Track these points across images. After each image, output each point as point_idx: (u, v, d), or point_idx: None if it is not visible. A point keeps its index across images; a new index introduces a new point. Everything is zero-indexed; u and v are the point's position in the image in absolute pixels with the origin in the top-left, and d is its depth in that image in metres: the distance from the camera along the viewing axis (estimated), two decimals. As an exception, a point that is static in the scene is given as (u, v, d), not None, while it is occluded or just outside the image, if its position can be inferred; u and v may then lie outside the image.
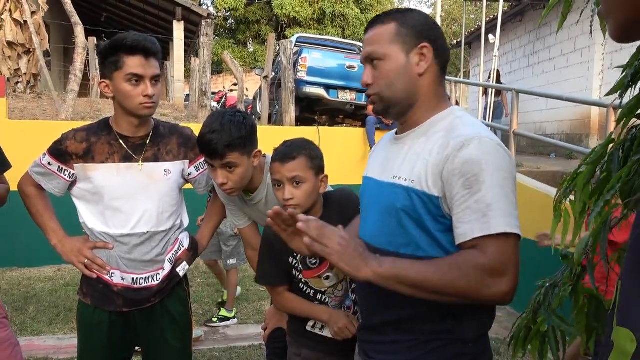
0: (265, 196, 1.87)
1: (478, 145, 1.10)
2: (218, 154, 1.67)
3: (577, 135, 8.96)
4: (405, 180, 1.18)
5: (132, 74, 1.68)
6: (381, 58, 1.21)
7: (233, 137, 1.67)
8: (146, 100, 1.71)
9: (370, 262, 1.07)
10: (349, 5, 20.12)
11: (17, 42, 7.72)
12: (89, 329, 1.83)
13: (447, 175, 1.11)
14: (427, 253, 1.15)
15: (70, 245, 1.80)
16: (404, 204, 1.17)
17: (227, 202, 1.98)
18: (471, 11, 21.51)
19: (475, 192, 1.07)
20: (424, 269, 1.07)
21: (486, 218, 1.06)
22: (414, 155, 1.20)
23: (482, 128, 1.18)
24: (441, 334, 1.18)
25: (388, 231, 1.20)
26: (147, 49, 1.69)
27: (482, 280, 1.05)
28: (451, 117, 1.22)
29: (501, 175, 1.08)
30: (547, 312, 1.11)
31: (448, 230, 1.14)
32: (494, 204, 1.06)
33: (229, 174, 1.72)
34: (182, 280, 1.92)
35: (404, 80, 1.21)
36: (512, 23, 11.37)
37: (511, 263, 1.06)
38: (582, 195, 0.96)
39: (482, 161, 1.08)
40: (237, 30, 22.61)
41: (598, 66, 8.62)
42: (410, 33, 1.20)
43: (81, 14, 7.63)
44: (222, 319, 4.13)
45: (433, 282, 1.06)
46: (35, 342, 3.62)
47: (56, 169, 1.78)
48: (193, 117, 7.68)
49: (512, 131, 5.79)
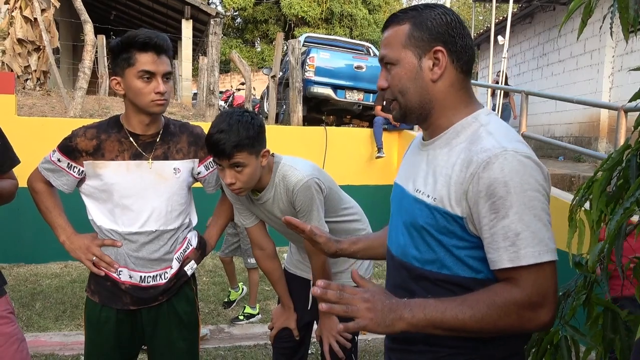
0: (273, 196, 1.87)
1: (503, 162, 1.01)
2: (226, 153, 1.67)
3: (586, 138, 8.89)
4: (427, 196, 1.12)
5: (144, 70, 1.67)
6: (393, 63, 1.16)
7: (241, 137, 1.67)
8: (158, 97, 1.70)
9: (402, 313, 1.02)
10: (357, 6, 20.09)
11: (27, 39, 7.75)
12: (96, 327, 1.83)
13: (473, 197, 1.04)
14: (452, 271, 1.11)
15: (79, 242, 1.80)
16: (427, 222, 1.12)
17: (235, 201, 1.98)
18: (480, 12, 21.43)
19: (502, 218, 1.00)
20: (459, 312, 1.01)
21: (514, 247, 1.00)
22: (437, 168, 1.13)
23: (510, 138, 1.08)
24: (467, 350, 1.12)
25: (414, 245, 1.16)
26: (159, 46, 1.69)
27: (523, 315, 1.01)
28: (475, 124, 1.13)
29: (530, 196, 1.01)
30: (560, 323, 1.09)
31: (473, 248, 1.09)
32: (522, 232, 0.99)
33: (237, 174, 1.71)
34: (189, 280, 1.91)
35: (416, 86, 1.14)
36: (522, 25, 11.31)
37: (549, 292, 1.01)
38: (599, 203, 0.93)
39: (509, 181, 1.00)
40: (245, 30, 22.64)
41: (608, 69, 8.56)
42: (424, 36, 1.13)
43: (90, 11, 7.67)
44: (247, 316, 4.20)
45: (472, 326, 1.01)
46: (42, 338, 3.62)
47: (65, 166, 1.78)
48: (200, 116, 7.69)
49: (521, 133, 5.75)
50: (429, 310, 1.02)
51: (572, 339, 1.08)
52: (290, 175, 1.84)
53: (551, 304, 1.01)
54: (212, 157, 1.75)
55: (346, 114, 8.91)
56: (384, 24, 1.21)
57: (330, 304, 1.01)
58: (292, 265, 2.17)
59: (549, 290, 1.01)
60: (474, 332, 1.03)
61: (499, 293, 1.01)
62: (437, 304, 1.03)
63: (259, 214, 1.98)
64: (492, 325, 1.01)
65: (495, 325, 1.01)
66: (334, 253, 1.45)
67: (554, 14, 10.20)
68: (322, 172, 1.97)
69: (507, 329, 1.02)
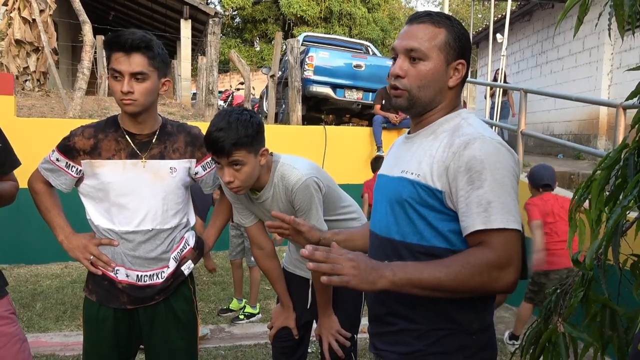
0: (272, 195, 1.87)
1: (481, 144, 1.17)
2: (225, 152, 1.67)
3: (585, 135, 8.90)
4: (411, 174, 1.25)
5: (112, 69, 1.69)
6: (423, 58, 1.25)
7: (240, 136, 1.67)
8: (124, 97, 1.68)
9: (384, 272, 1.12)
10: (356, 4, 20.06)
11: (26, 40, 7.75)
12: (94, 325, 1.84)
13: (453, 172, 1.18)
14: (430, 243, 1.22)
15: (77, 242, 1.81)
16: (410, 195, 1.24)
17: (234, 200, 1.98)
18: (479, 10, 21.42)
19: (477, 188, 1.14)
20: (436, 271, 1.12)
21: (486, 213, 1.13)
22: (422, 152, 1.27)
23: (485, 128, 1.25)
24: (446, 323, 1.23)
25: (396, 221, 1.27)
26: (128, 44, 1.66)
27: (492, 274, 1.12)
28: (458, 118, 1.29)
29: (502, 174, 1.15)
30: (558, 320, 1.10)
31: (450, 220, 1.21)
32: (494, 202, 1.13)
33: (235, 172, 1.72)
34: (187, 279, 1.92)
35: (436, 87, 1.27)
36: (520, 22, 11.30)
37: (514, 256, 1.14)
38: (597, 202, 0.94)
39: (485, 159, 1.15)
40: (244, 29, 22.61)
41: (607, 66, 8.56)
42: (456, 47, 1.26)
43: (89, 12, 7.65)
44: (248, 315, 4.20)
45: (447, 283, 1.12)
46: (42, 339, 3.63)
47: (64, 165, 1.79)
48: (200, 116, 7.69)
49: (520, 131, 5.75)
50: (408, 269, 1.13)
51: (570, 336, 1.09)
52: (289, 174, 1.85)
53: (516, 266, 1.14)
54: (211, 155, 1.74)
55: (345, 113, 8.91)
56: (414, 17, 1.30)
57: (318, 263, 1.10)
58: (291, 265, 2.17)
59: (514, 254, 1.14)
60: (449, 291, 1.14)
61: (472, 254, 1.14)
62: (416, 265, 1.15)
63: (258, 213, 1.99)
64: (465, 283, 1.12)
65: (468, 283, 1.12)
66: (317, 242, 1.52)
67: (553, 12, 10.19)
68: (320, 170, 1.97)
69: (478, 287, 1.14)
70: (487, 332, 1.28)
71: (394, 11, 23.83)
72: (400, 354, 1.28)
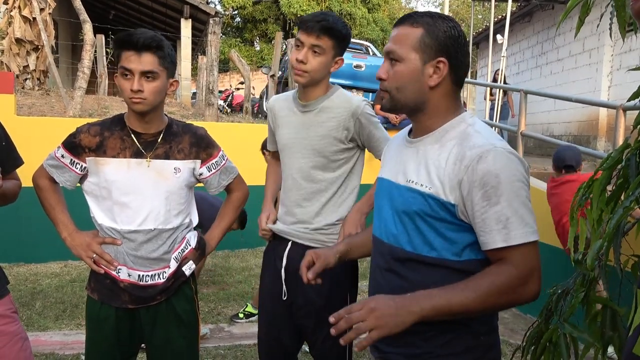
0: (323, 106, 1.96)
1: (494, 157, 1.15)
2: (315, 30, 1.87)
3: (585, 136, 8.90)
4: (422, 185, 1.23)
5: (123, 67, 1.69)
6: (399, 60, 1.25)
7: (337, 27, 1.90)
8: (134, 95, 1.70)
9: (411, 308, 1.11)
10: (356, 5, 20.08)
11: (26, 38, 7.74)
12: (96, 324, 1.84)
13: (467, 186, 1.17)
14: (440, 254, 1.22)
15: (80, 240, 1.82)
16: (421, 208, 1.22)
17: (277, 109, 2.08)
18: (479, 11, 21.43)
19: (494, 204, 1.14)
20: (464, 297, 1.12)
21: (506, 230, 1.13)
22: (430, 161, 1.25)
23: (494, 136, 1.24)
24: (453, 325, 1.23)
25: (406, 231, 1.26)
26: (140, 43, 1.68)
27: (517, 290, 1.14)
28: (463, 124, 1.27)
29: (517, 185, 1.15)
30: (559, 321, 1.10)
31: (461, 231, 1.20)
32: (513, 216, 1.13)
33: (311, 57, 1.90)
34: (188, 279, 1.92)
35: (414, 87, 1.25)
36: (521, 23, 11.31)
37: (535, 266, 1.15)
38: (599, 202, 0.94)
39: (500, 173, 1.14)
40: (244, 29, 22.61)
41: (607, 67, 8.57)
42: (433, 44, 1.23)
43: (89, 11, 7.65)
44: (247, 315, 4.17)
45: (475, 308, 1.13)
46: (42, 338, 3.63)
47: (68, 162, 1.80)
48: (200, 115, 7.68)
49: (520, 132, 5.76)
50: (435, 299, 1.12)
51: (571, 336, 1.09)
52: (352, 96, 1.98)
53: (538, 277, 1.16)
54: (299, 32, 1.90)
55: (345, 113, 8.88)
56: (398, 20, 1.31)
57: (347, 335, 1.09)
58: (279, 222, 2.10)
59: (535, 265, 1.15)
60: (476, 312, 1.15)
61: (497, 274, 1.14)
62: (442, 293, 1.13)
63: (286, 134, 2.03)
64: (493, 303, 1.13)
65: (496, 303, 1.14)
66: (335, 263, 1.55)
67: (553, 13, 10.20)
68: None
69: (506, 305, 1.16)
70: (493, 333, 1.29)
71: (394, 11, 23.83)
72: (407, 356, 1.28)
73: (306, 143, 1.96)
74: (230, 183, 1.99)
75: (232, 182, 2.00)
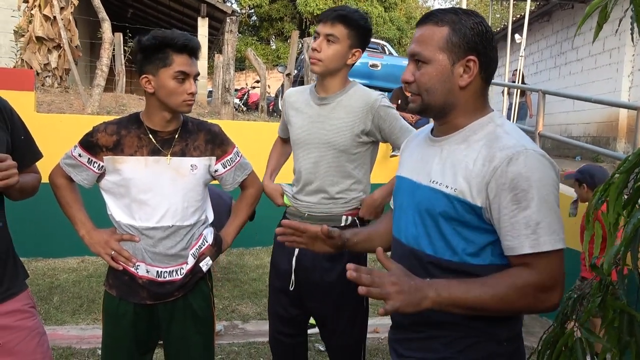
0: (340, 100, 1.98)
1: (525, 159, 1.11)
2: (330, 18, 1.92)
3: (604, 138, 8.77)
4: (446, 187, 1.19)
5: (180, 71, 1.73)
6: (426, 62, 1.21)
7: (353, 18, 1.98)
8: (189, 98, 1.77)
9: (427, 292, 1.08)
10: (372, 3, 20.00)
11: (47, 37, 7.86)
12: (114, 320, 1.86)
13: (495, 189, 1.13)
14: (462, 259, 1.19)
15: (98, 237, 1.84)
16: (445, 210, 1.19)
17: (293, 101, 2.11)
18: (497, 10, 21.21)
19: (524, 208, 1.10)
20: (482, 292, 1.10)
21: (535, 235, 1.10)
22: (456, 162, 1.20)
23: (525, 139, 1.19)
24: (475, 331, 1.20)
25: (427, 234, 1.23)
26: (194, 49, 1.76)
27: (537, 297, 1.11)
28: (491, 124, 1.22)
29: (548, 190, 1.11)
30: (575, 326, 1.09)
31: (484, 233, 1.17)
32: (542, 222, 1.10)
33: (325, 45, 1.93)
34: (205, 276, 1.94)
35: (444, 89, 1.21)
36: (539, 23, 11.17)
37: (559, 276, 1.12)
38: (616, 205, 0.93)
39: (531, 176, 1.10)
40: (261, 28, 22.68)
41: (628, 68, 8.42)
42: (461, 43, 1.18)
43: (108, 9, 7.74)
44: None
45: (492, 305, 1.10)
46: (59, 332, 3.69)
47: (86, 161, 1.82)
48: (216, 114, 7.73)
49: (538, 132, 5.70)
50: (453, 290, 1.10)
51: (587, 341, 1.08)
52: (369, 91, 1.99)
53: (560, 288, 1.12)
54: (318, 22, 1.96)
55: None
56: (420, 19, 1.25)
57: (367, 287, 1.05)
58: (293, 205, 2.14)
59: (559, 275, 1.12)
60: (492, 311, 1.12)
61: (518, 276, 1.11)
62: (460, 285, 1.11)
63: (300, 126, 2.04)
64: (511, 305, 1.11)
65: (513, 305, 1.11)
66: (342, 246, 1.49)
67: (572, 12, 10.05)
68: None
69: (523, 309, 1.14)
70: (516, 340, 1.25)
71: (411, 10, 23.68)
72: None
73: (321, 135, 1.97)
74: (245, 179, 2.01)
75: (246, 178, 2.01)
